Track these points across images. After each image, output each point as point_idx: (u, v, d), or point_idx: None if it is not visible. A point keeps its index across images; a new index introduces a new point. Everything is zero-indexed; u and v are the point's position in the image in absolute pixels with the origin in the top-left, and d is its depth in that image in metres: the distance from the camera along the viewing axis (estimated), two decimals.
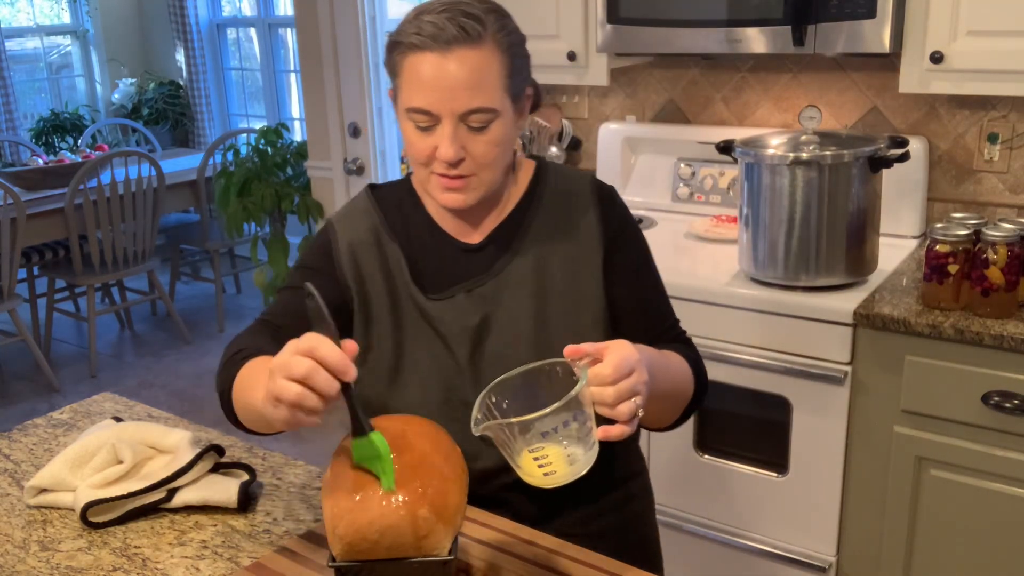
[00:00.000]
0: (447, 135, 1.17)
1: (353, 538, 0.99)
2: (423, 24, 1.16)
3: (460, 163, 1.19)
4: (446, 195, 1.23)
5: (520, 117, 1.26)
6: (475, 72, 1.15)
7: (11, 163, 5.25)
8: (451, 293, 1.28)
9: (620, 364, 1.00)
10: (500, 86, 1.18)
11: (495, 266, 1.29)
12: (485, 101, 1.17)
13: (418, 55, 1.16)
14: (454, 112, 1.16)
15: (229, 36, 6.11)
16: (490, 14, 1.19)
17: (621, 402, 1.00)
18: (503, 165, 1.25)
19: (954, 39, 1.99)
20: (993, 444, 1.86)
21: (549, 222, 1.30)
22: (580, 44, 2.53)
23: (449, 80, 1.15)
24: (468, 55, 1.15)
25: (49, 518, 1.31)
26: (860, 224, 2.02)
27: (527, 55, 1.25)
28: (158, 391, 4.21)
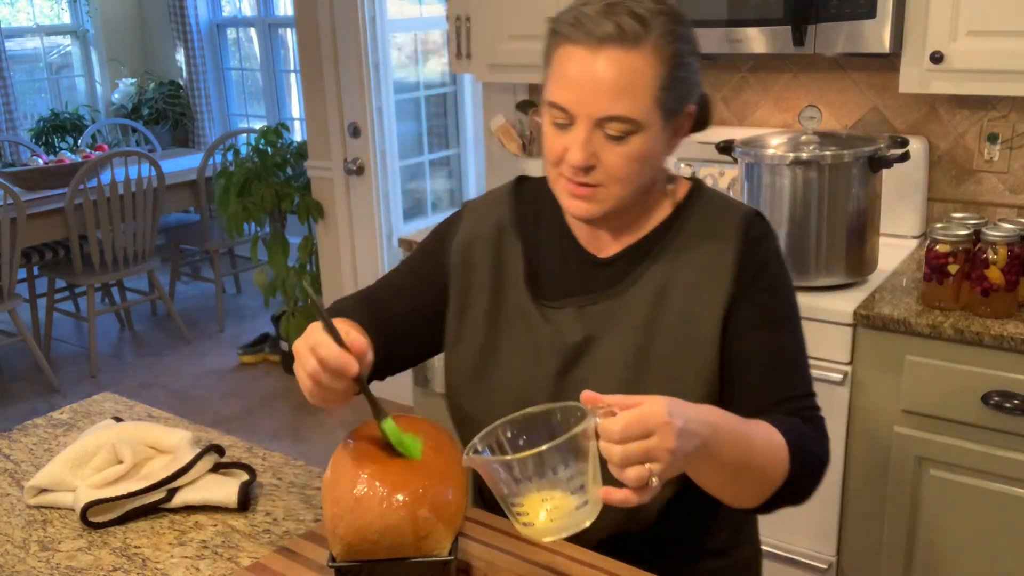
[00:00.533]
0: (579, 139, 1.08)
1: (353, 538, 0.99)
2: (581, 14, 1.07)
3: (589, 171, 1.10)
4: (570, 200, 1.14)
5: (674, 135, 1.15)
6: (623, 76, 1.05)
7: (11, 163, 5.24)
8: (561, 304, 1.21)
9: (633, 423, 0.88)
10: (650, 97, 1.07)
11: (614, 288, 1.19)
12: (627, 110, 1.06)
13: (568, 47, 1.08)
14: (590, 116, 1.07)
15: (229, 36, 6.11)
16: (660, 16, 1.08)
17: (629, 465, 0.88)
18: (638, 183, 1.13)
19: (954, 39, 1.99)
20: (993, 444, 1.86)
21: (683, 252, 1.18)
22: None
23: (592, 81, 1.06)
24: (619, 57, 1.05)
25: (49, 518, 1.31)
26: (860, 224, 2.02)
27: (695, 66, 1.13)
28: (158, 391, 4.21)
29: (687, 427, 0.91)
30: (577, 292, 1.21)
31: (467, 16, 2.76)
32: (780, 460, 1.06)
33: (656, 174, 1.17)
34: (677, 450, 0.89)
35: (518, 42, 2.64)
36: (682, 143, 1.19)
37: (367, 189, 3.74)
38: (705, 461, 0.97)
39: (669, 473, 0.90)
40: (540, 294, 1.23)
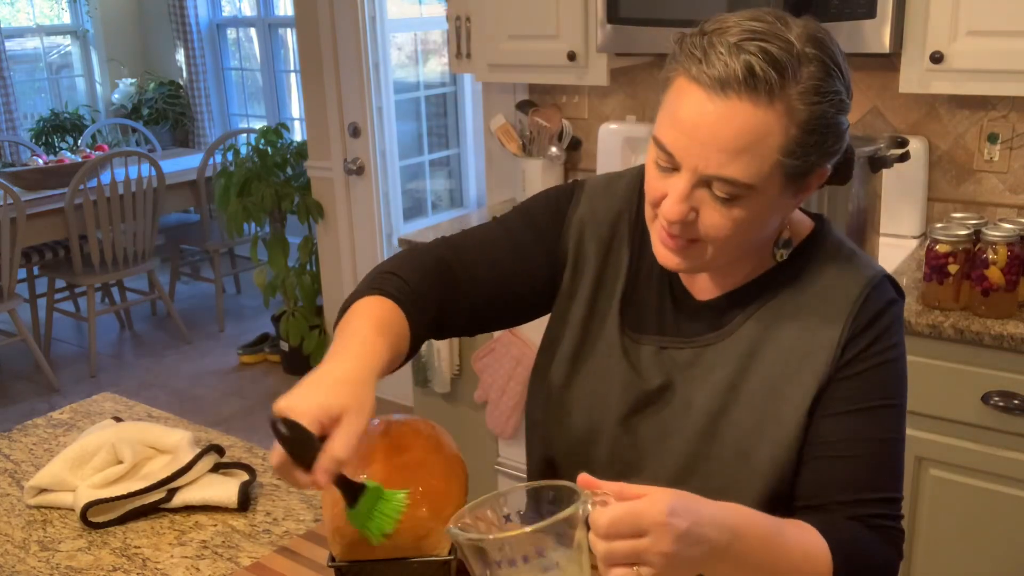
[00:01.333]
0: (679, 192, 0.93)
1: (353, 538, 0.99)
2: (711, 45, 0.90)
3: (686, 226, 0.96)
4: (659, 248, 1.01)
5: (796, 196, 0.98)
6: (743, 136, 0.89)
7: (11, 163, 5.24)
8: (644, 340, 1.09)
9: (622, 519, 0.79)
10: (771, 162, 0.91)
11: (703, 336, 1.06)
12: (740, 174, 0.90)
13: (686, 81, 0.92)
14: (696, 170, 0.92)
15: (229, 36, 6.11)
16: (808, 65, 0.90)
17: (613, 565, 0.80)
18: (744, 244, 0.98)
19: (954, 39, 1.99)
20: (993, 444, 1.86)
21: (786, 311, 1.03)
22: (580, 44, 2.53)
23: (707, 131, 0.90)
24: (744, 111, 0.89)
25: (49, 518, 1.31)
26: (860, 224, 2.02)
27: (840, 130, 0.95)
28: (158, 391, 4.21)
29: (693, 530, 0.81)
30: (664, 331, 1.09)
31: (467, 16, 2.76)
32: (819, 573, 0.93)
33: (767, 234, 1.01)
34: (674, 555, 0.79)
35: (518, 42, 2.64)
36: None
37: (367, 189, 3.74)
38: (721, 564, 0.85)
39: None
40: (628, 322, 1.11)
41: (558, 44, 2.56)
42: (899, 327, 1.04)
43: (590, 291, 1.14)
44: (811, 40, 0.92)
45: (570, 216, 1.15)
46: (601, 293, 1.13)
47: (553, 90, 3.00)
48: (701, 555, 0.82)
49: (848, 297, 1.01)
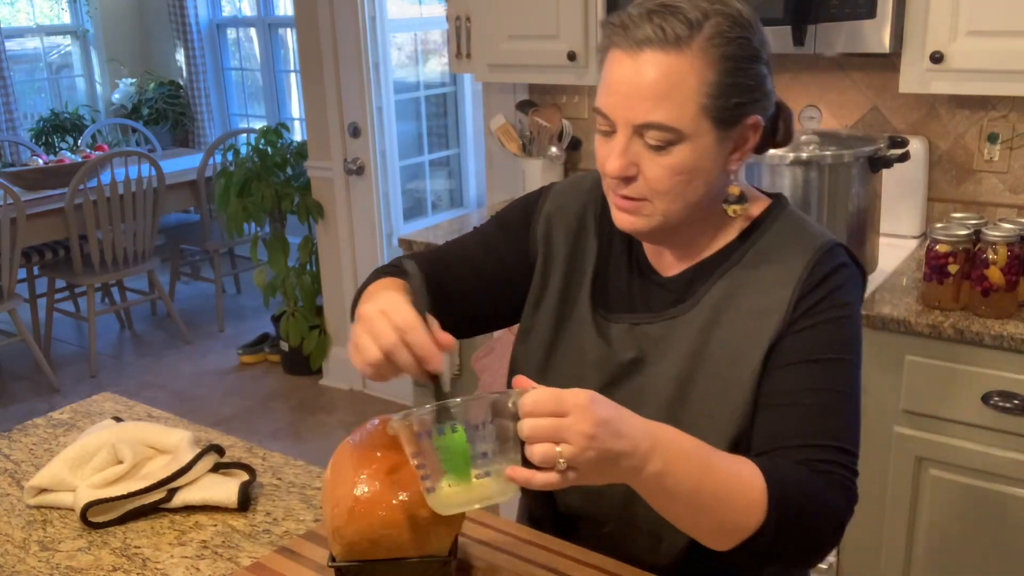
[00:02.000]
0: (617, 147, 1.02)
1: (353, 538, 1.00)
2: (624, 16, 1.01)
3: (629, 182, 1.04)
4: (616, 213, 1.09)
5: (736, 150, 1.06)
6: (663, 82, 0.98)
7: (11, 163, 5.25)
8: (617, 319, 1.16)
9: (546, 398, 0.84)
10: (696, 104, 0.99)
11: (670, 310, 1.13)
12: (666, 118, 0.99)
13: (613, 51, 1.02)
14: (628, 122, 1.01)
15: (229, 36, 6.11)
16: (713, 17, 0.99)
17: (536, 441, 0.84)
18: (688, 198, 1.04)
19: (954, 39, 1.99)
20: (993, 444, 1.86)
21: (744, 278, 1.09)
22: (580, 44, 2.53)
23: (630, 85, 1.00)
24: (659, 60, 0.98)
25: (49, 518, 1.31)
26: (860, 224, 2.02)
27: (757, 73, 1.03)
28: (158, 391, 4.21)
29: (614, 421, 0.86)
30: (634, 309, 1.16)
31: (467, 16, 2.76)
32: (751, 502, 0.94)
33: (712, 190, 1.07)
34: (594, 437, 0.84)
35: (518, 42, 2.64)
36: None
37: (367, 189, 3.74)
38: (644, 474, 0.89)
39: (584, 463, 0.84)
40: (600, 303, 1.18)
41: (558, 44, 2.56)
42: (851, 290, 1.08)
43: (561, 279, 1.21)
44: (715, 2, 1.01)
45: (538, 213, 1.24)
46: (572, 279, 1.20)
47: (553, 90, 3.00)
48: (621, 451, 0.86)
49: (800, 261, 1.07)
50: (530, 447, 0.85)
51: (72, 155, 4.69)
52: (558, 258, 1.21)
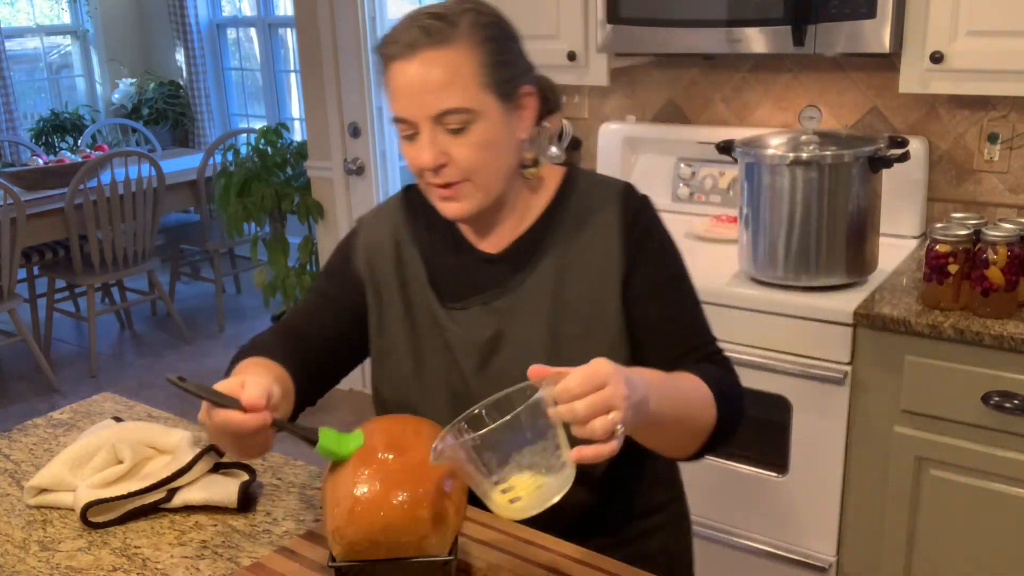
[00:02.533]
0: (424, 141, 1.14)
1: (353, 538, 1.00)
2: (392, 33, 1.15)
3: (443, 170, 1.16)
4: (442, 204, 1.20)
5: (520, 119, 1.20)
6: (444, 72, 1.12)
7: (11, 163, 5.24)
8: (467, 304, 1.25)
9: (589, 376, 0.92)
10: (477, 83, 1.13)
11: (513, 280, 1.24)
12: (457, 101, 1.12)
13: (392, 65, 1.15)
14: (427, 116, 1.13)
15: (229, 36, 6.11)
16: (466, 13, 1.15)
17: (593, 417, 0.90)
18: (499, 170, 1.18)
19: (954, 39, 1.99)
20: (993, 444, 1.86)
21: (572, 235, 1.24)
22: (580, 44, 2.53)
23: (417, 84, 1.12)
24: (434, 56, 1.12)
25: (49, 518, 1.31)
26: (860, 224, 2.02)
27: (517, 50, 1.20)
28: (158, 391, 4.21)
29: (631, 378, 0.96)
30: (480, 290, 1.25)
31: None
32: (709, 404, 1.14)
33: (512, 159, 1.21)
34: (629, 397, 0.93)
35: None
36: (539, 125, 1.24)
37: (367, 189, 3.74)
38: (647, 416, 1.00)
39: (628, 422, 0.93)
40: (445, 297, 1.27)
41: (558, 44, 2.56)
42: (656, 215, 1.28)
43: (398, 292, 1.29)
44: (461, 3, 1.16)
45: (354, 250, 1.32)
46: (408, 288, 1.28)
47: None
48: (641, 400, 0.97)
49: (612, 202, 1.24)
50: (590, 424, 0.90)
51: (72, 155, 4.69)
52: (387, 277, 1.29)
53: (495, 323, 1.23)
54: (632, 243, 1.23)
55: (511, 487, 0.91)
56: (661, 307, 1.23)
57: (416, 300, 1.28)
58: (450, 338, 1.25)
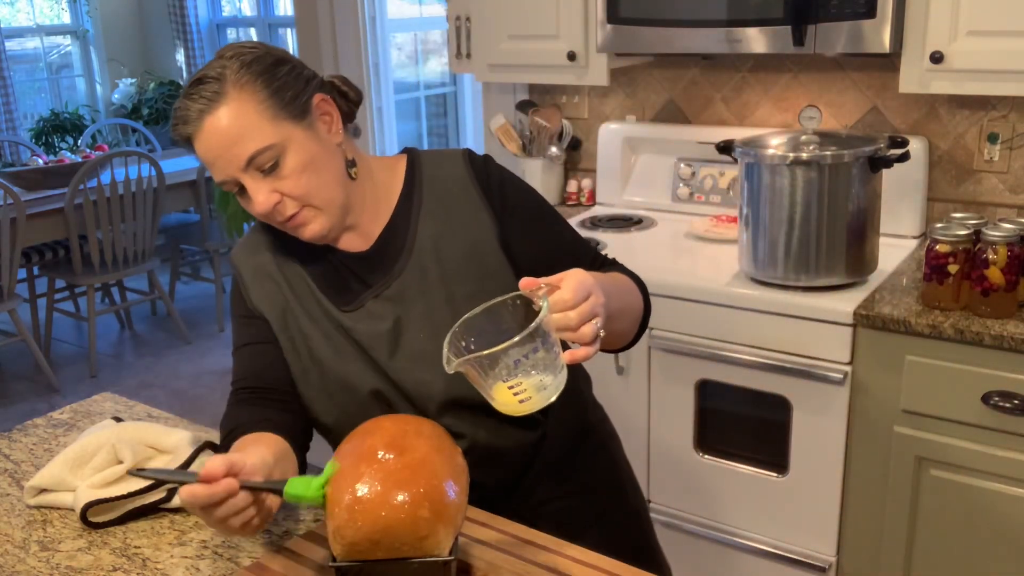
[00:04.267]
0: (251, 191, 1.19)
1: (354, 538, 1.00)
2: (174, 118, 1.20)
3: (279, 207, 1.20)
4: (300, 234, 1.24)
5: (325, 126, 1.24)
6: (231, 125, 1.16)
7: (11, 163, 5.25)
8: (361, 302, 1.28)
9: (578, 288, 1.02)
10: (266, 119, 1.17)
11: (395, 267, 1.29)
12: (256, 144, 1.16)
13: (193, 143, 1.20)
14: (238, 169, 1.17)
15: (229, 36, 6.10)
16: (226, 65, 1.18)
17: (583, 324, 1.02)
18: (329, 183, 1.22)
19: (954, 39, 1.99)
20: (993, 444, 1.86)
21: (435, 209, 1.30)
22: (580, 44, 2.53)
23: (216, 148, 1.17)
24: (216, 117, 1.16)
25: (49, 518, 1.31)
26: (860, 224, 2.02)
27: (289, 70, 1.22)
28: (158, 391, 4.21)
29: (602, 285, 1.07)
30: (367, 286, 1.29)
31: (467, 16, 2.76)
32: (637, 294, 1.30)
33: (338, 167, 1.25)
34: (606, 304, 1.05)
35: (518, 42, 2.64)
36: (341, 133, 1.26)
37: None
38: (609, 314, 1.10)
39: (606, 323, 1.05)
40: (339, 302, 1.29)
41: (558, 44, 2.56)
42: (503, 167, 1.35)
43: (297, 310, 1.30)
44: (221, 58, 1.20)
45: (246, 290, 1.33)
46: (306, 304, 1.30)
47: (553, 90, 3.00)
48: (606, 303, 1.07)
49: (459, 168, 1.31)
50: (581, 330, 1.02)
51: (72, 155, 4.69)
52: (281, 300, 1.31)
53: (392, 311, 1.27)
54: (493, 196, 1.30)
55: (522, 388, 1.01)
56: (546, 243, 1.32)
57: (316, 311, 1.29)
58: (358, 338, 1.27)
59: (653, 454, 2.32)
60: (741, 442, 2.22)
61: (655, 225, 2.66)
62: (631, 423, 2.32)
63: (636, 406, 2.31)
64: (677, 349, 2.21)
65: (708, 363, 2.18)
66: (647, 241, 2.53)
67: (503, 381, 1.01)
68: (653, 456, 2.32)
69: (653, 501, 2.36)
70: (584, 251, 1.37)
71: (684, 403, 2.24)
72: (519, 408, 1.02)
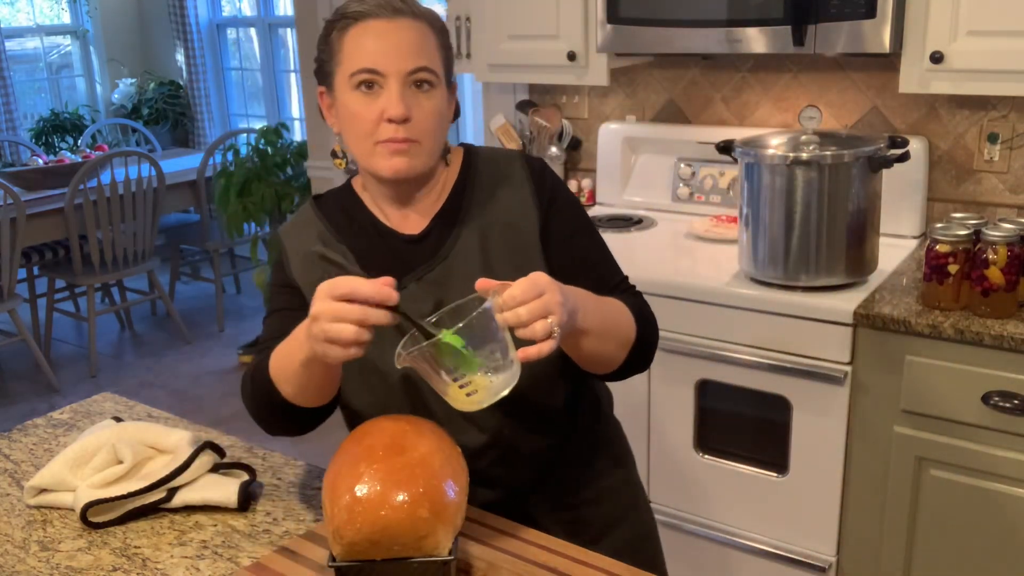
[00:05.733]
0: (395, 93, 1.21)
1: (354, 538, 1.00)
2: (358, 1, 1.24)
3: (406, 123, 1.22)
4: (393, 160, 1.24)
5: (451, 106, 1.32)
6: (419, 39, 1.23)
7: (11, 163, 5.25)
8: (403, 284, 1.28)
9: (529, 286, 1.04)
10: (438, 58, 1.25)
11: (440, 251, 1.31)
12: (429, 62, 1.23)
13: (364, 24, 1.22)
14: (402, 71, 1.21)
15: (229, 36, 6.11)
16: (425, 9, 1.27)
17: (535, 320, 1.03)
18: (441, 139, 1.29)
19: (954, 39, 1.99)
20: (993, 444, 1.86)
21: (485, 201, 1.33)
22: (580, 44, 2.53)
23: (396, 41, 1.21)
24: (412, 24, 1.23)
25: (49, 518, 1.31)
26: (860, 224, 2.02)
27: (450, 45, 1.32)
28: (158, 391, 4.21)
29: (564, 288, 1.08)
30: (410, 268, 1.30)
31: (467, 16, 2.76)
32: (629, 320, 1.27)
33: (445, 138, 1.32)
34: (563, 303, 1.05)
35: (518, 42, 2.64)
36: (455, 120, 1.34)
37: None
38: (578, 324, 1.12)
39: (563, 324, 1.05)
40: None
41: (558, 44, 2.56)
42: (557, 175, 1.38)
43: None
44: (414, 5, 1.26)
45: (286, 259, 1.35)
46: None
47: (553, 90, 3.00)
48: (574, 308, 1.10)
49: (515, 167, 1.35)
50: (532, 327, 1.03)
51: (72, 155, 4.69)
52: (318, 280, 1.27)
53: (433, 294, 1.28)
54: (543, 197, 1.33)
55: (469, 383, 1.03)
56: (577, 252, 1.34)
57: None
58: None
59: (653, 454, 2.32)
60: (741, 442, 2.22)
61: (655, 225, 2.66)
62: (631, 423, 2.32)
63: (636, 406, 2.31)
64: (677, 349, 2.21)
65: (708, 363, 2.18)
66: (647, 241, 2.53)
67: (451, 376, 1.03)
68: (653, 456, 2.32)
69: (653, 501, 2.36)
70: (609, 273, 1.37)
71: (684, 403, 2.24)
72: (468, 403, 1.04)
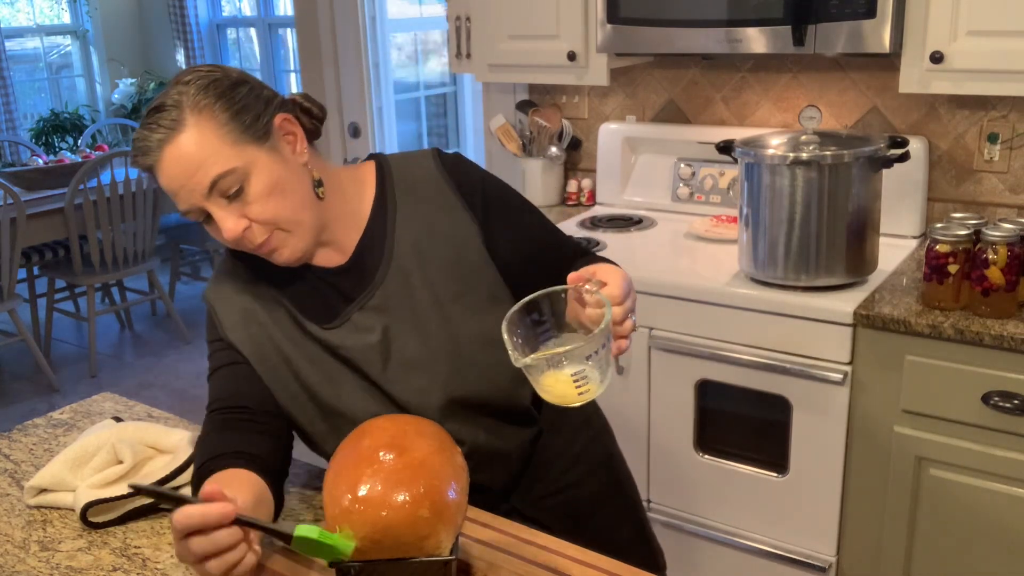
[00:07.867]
0: (218, 218, 1.15)
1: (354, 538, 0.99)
2: (136, 144, 1.16)
3: (248, 233, 1.16)
4: (274, 258, 1.20)
5: (289, 146, 1.20)
6: (193, 151, 1.13)
7: (11, 163, 5.25)
8: (346, 316, 1.25)
9: (624, 285, 1.08)
10: (228, 143, 1.14)
11: (376, 276, 1.26)
12: (218, 169, 1.13)
13: (155, 172, 1.16)
14: (201, 196, 1.14)
15: (229, 36, 6.11)
16: (183, 91, 1.15)
17: (626, 319, 1.08)
18: (297, 204, 1.19)
19: (954, 39, 1.99)
20: (993, 444, 1.86)
21: (410, 213, 1.27)
22: (580, 44, 2.53)
23: (178, 176, 1.14)
24: (176, 145, 1.13)
25: (49, 518, 1.31)
26: (860, 224, 2.02)
27: (248, 91, 1.18)
28: (158, 391, 4.21)
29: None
30: (349, 300, 1.26)
31: (467, 16, 2.76)
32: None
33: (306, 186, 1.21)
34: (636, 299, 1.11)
35: (518, 42, 2.64)
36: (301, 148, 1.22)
37: None
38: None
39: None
40: (322, 320, 1.26)
41: (558, 44, 2.56)
42: (475, 164, 1.33)
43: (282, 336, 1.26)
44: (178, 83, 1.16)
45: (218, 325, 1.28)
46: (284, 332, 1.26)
47: (553, 90, 3.00)
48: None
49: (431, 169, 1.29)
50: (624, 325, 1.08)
51: (72, 155, 4.69)
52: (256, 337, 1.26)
53: (379, 321, 1.25)
54: (470, 194, 1.28)
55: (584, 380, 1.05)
56: (527, 233, 1.32)
57: (298, 335, 1.26)
58: (348, 354, 1.25)
59: (653, 454, 2.32)
60: (741, 442, 2.22)
61: (655, 225, 2.66)
62: (631, 423, 2.32)
63: (636, 406, 2.31)
64: (677, 349, 2.21)
65: (708, 363, 2.18)
66: (647, 241, 2.53)
67: (569, 374, 1.04)
68: (653, 456, 2.32)
69: (653, 501, 2.36)
70: (567, 242, 1.36)
71: (684, 403, 2.24)
72: (577, 399, 1.06)
